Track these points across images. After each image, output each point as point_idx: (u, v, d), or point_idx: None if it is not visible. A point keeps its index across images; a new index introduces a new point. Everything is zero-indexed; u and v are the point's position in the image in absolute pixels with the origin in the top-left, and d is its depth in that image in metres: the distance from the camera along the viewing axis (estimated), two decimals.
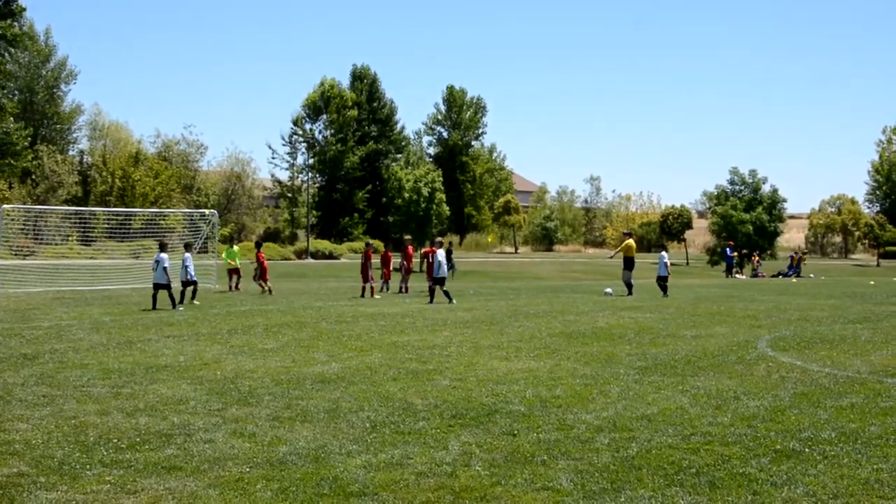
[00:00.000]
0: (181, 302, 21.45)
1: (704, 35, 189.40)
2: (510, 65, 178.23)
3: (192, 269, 22.68)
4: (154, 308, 20.20)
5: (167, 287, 20.80)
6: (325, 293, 27.48)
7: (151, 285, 21.32)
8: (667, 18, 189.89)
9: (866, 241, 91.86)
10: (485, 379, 10.91)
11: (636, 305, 22.17)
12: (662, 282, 26.74)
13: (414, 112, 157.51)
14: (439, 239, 27.95)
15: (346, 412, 8.90)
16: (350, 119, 78.51)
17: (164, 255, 21.05)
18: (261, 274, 27.67)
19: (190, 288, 22.57)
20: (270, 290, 26.65)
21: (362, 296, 25.67)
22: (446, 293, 23.27)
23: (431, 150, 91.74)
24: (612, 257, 30.71)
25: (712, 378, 11.06)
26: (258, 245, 31.63)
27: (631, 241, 28.08)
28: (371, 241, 31.29)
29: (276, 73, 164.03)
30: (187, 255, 22.98)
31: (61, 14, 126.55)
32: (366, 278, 26.14)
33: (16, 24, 48.92)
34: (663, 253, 28.24)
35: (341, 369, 11.60)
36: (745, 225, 57.85)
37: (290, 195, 78.54)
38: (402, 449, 7.46)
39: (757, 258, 54.88)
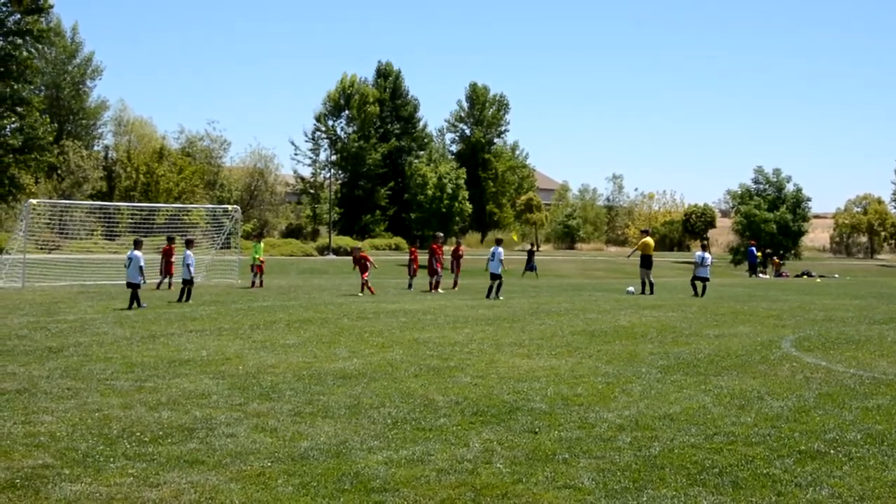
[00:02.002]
0: (180, 300, 21.18)
1: (730, 33, 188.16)
2: (533, 62, 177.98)
3: (193, 268, 22.31)
4: (131, 307, 19.30)
5: (138, 286, 19.89)
6: (346, 289, 27.52)
7: (125, 284, 20.20)
8: (692, 16, 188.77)
9: (893, 242, 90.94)
10: (506, 376, 10.89)
11: (658, 304, 22.04)
12: (700, 281, 25.86)
13: (436, 109, 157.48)
14: (440, 234, 28.09)
15: (367, 408, 8.91)
16: (372, 115, 78.56)
17: (137, 253, 20.10)
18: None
19: (187, 287, 21.89)
20: (170, 286, 25.90)
21: (431, 290, 26.29)
22: (495, 288, 23.54)
23: (454, 148, 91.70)
24: (629, 256, 29.64)
25: (735, 378, 10.98)
26: (170, 240, 28.34)
27: (648, 240, 27.66)
28: (439, 234, 30.51)
29: (300, 69, 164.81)
30: (188, 252, 22.51)
31: (87, 10, 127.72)
32: (431, 272, 26.75)
33: (43, 19, 49.35)
34: (704, 253, 26.90)
35: (363, 365, 11.61)
36: (768, 224, 57.34)
37: (312, 191, 78.75)
38: (424, 445, 7.46)
39: (777, 260, 54.41)
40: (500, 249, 24.57)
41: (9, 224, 49.66)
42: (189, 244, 23.23)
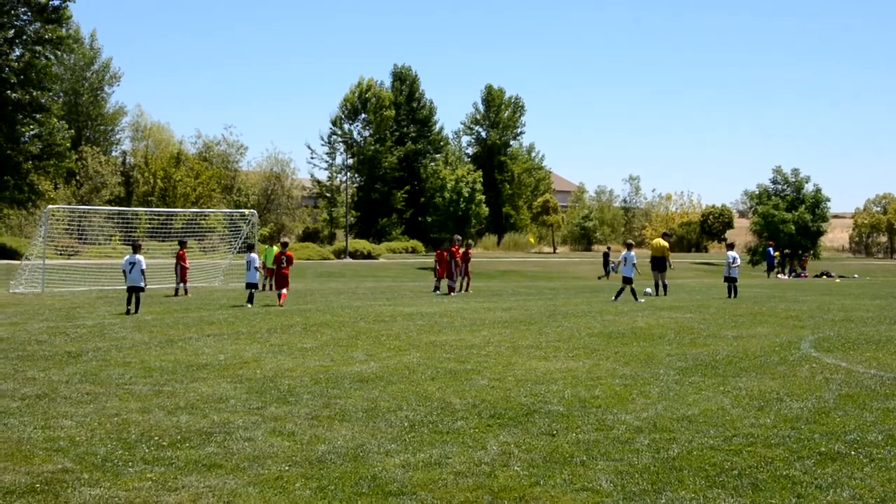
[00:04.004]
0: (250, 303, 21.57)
1: (747, 33, 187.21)
2: (548, 64, 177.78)
3: (257, 270, 22.82)
4: (129, 312, 19.39)
5: (142, 289, 20.05)
6: (363, 293, 27.57)
7: (126, 288, 20.20)
8: (709, 16, 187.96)
9: None
10: (523, 379, 10.86)
11: (676, 305, 21.95)
12: (730, 282, 25.70)
13: (452, 112, 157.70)
14: (458, 237, 28.15)
15: (384, 411, 8.92)
16: (388, 119, 78.72)
17: (139, 257, 20.26)
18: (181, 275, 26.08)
19: (251, 291, 22.40)
20: (186, 291, 25.79)
21: (449, 293, 26.40)
22: (628, 292, 23.84)
23: (470, 150, 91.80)
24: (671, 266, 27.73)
25: (754, 379, 10.90)
26: (182, 244, 27.18)
27: (659, 241, 27.40)
28: (456, 237, 30.26)
29: (316, 73, 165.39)
30: (254, 255, 23.12)
31: (105, 16, 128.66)
32: (450, 275, 26.96)
33: (62, 27, 49.77)
34: (732, 253, 26.70)
35: (380, 368, 11.62)
36: (787, 224, 56.94)
37: (328, 195, 79.02)
38: (441, 448, 7.45)
39: (808, 256, 54.09)
40: (633, 254, 24.71)
41: (28, 230, 50.10)
42: (251, 248, 24.10)
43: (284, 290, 22.18)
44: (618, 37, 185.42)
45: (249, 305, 21.33)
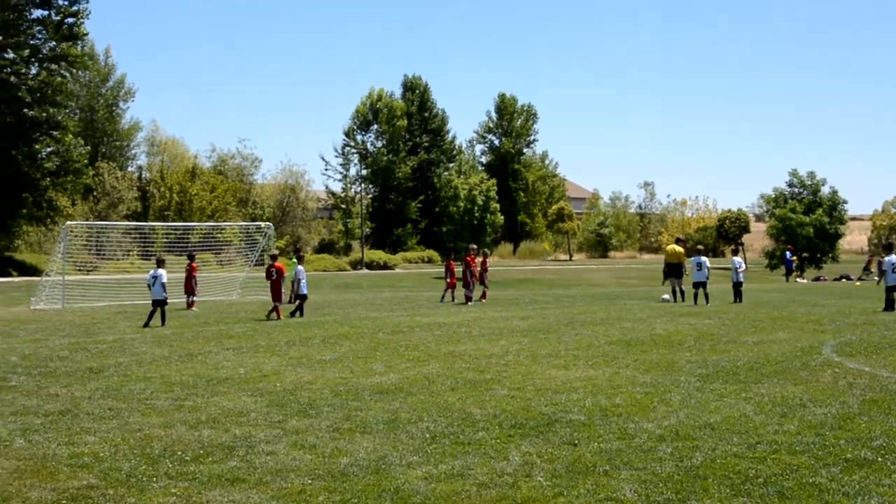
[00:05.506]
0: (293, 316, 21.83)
1: (758, 35, 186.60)
2: (560, 71, 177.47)
3: (304, 283, 23.16)
4: (147, 325, 19.72)
5: (164, 303, 20.38)
6: (380, 303, 27.59)
7: (151, 302, 20.62)
8: (721, 21, 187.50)
9: None
10: (543, 388, 10.84)
11: (694, 311, 21.85)
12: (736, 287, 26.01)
13: (465, 121, 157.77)
14: (474, 246, 28.26)
15: (405, 423, 8.91)
16: (400, 129, 78.83)
17: (161, 271, 20.57)
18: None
19: (301, 302, 22.68)
20: (192, 305, 25.64)
21: (466, 303, 26.58)
22: (701, 296, 24.44)
23: (483, 159, 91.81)
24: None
25: (776, 385, 10.83)
26: (191, 257, 27.34)
27: (674, 247, 27.36)
28: (472, 246, 30.14)
29: (329, 85, 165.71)
30: (300, 268, 23.53)
31: (119, 33, 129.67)
32: (466, 284, 27.22)
33: (78, 44, 50.18)
34: (737, 258, 27.14)
35: (399, 380, 11.62)
36: (804, 228, 56.62)
37: (343, 206, 79.15)
38: (463, 460, 7.43)
39: (874, 258, 53.70)
40: (705, 259, 25.34)
41: (47, 246, 50.41)
42: (300, 259, 24.36)
43: (277, 304, 21.98)
44: (629, 43, 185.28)
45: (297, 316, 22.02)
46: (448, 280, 28.73)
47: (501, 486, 6.65)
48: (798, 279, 49.33)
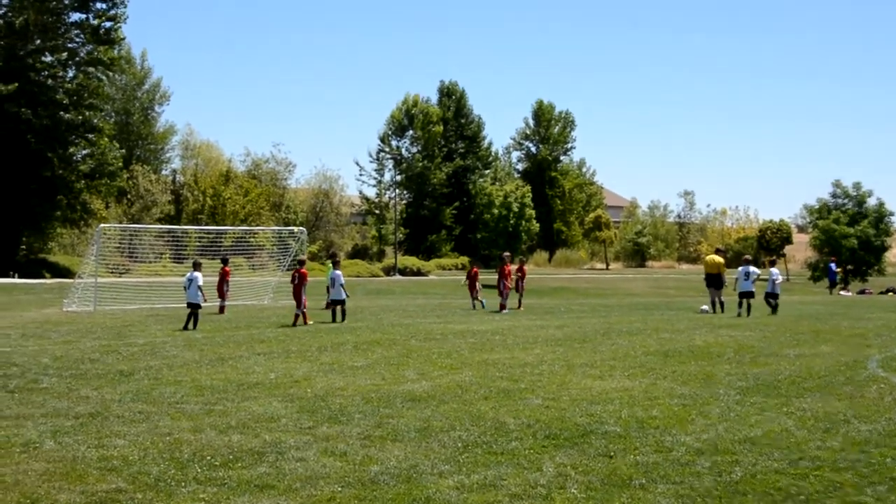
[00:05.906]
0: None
1: (804, 44, 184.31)
2: (599, 78, 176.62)
3: (343, 288, 22.67)
4: (186, 328, 19.81)
5: (198, 307, 20.37)
6: (413, 310, 27.49)
7: (186, 304, 20.72)
8: (763, 31, 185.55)
9: None
10: (578, 398, 10.63)
11: (734, 323, 21.47)
12: (771, 299, 25.39)
13: (501, 127, 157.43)
14: (507, 254, 28.14)
15: (437, 431, 8.76)
16: (436, 135, 78.88)
17: (197, 274, 20.69)
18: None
19: (341, 307, 22.42)
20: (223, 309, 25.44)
21: (500, 310, 26.29)
22: (746, 306, 24.17)
23: (520, 166, 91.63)
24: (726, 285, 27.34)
25: (819, 400, 10.53)
26: (224, 261, 27.22)
27: (714, 257, 26.85)
28: (506, 254, 29.69)
29: (365, 89, 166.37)
30: (338, 272, 22.93)
31: (155, 36, 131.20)
32: (501, 293, 26.91)
33: (115, 48, 50.78)
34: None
35: (431, 388, 11.48)
36: (849, 239, 55.57)
37: (377, 212, 79.29)
38: (496, 470, 7.28)
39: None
40: (754, 269, 24.91)
41: (81, 248, 51.00)
42: (336, 264, 23.93)
43: (298, 312, 21.60)
44: (668, 51, 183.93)
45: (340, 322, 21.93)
46: (469, 286, 28.58)
47: (535, 498, 6.48)
48: (842, 292, 48.41)
